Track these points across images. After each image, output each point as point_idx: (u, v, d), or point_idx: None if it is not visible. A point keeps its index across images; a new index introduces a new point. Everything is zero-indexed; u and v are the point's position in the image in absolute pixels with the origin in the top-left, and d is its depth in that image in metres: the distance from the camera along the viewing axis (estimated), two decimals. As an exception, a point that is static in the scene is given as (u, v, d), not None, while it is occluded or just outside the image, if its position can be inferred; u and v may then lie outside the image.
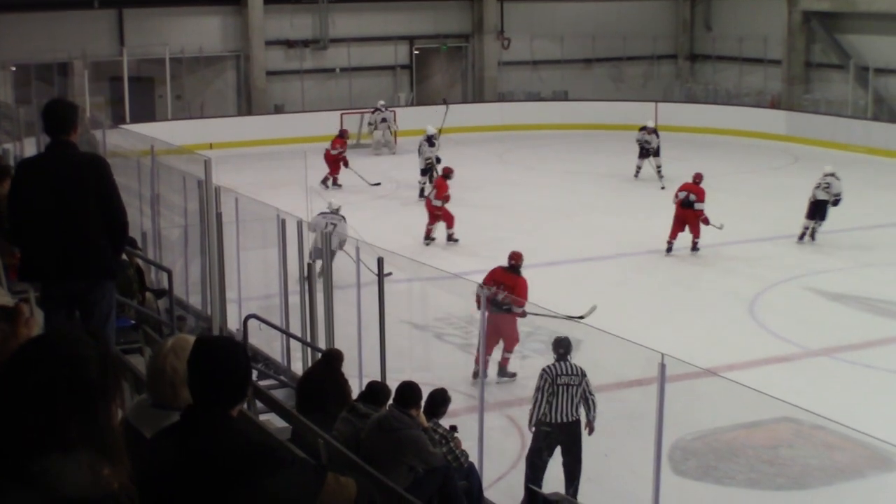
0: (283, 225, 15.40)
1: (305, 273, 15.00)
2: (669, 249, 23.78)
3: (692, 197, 23.80)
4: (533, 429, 12.67)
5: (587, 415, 12.65)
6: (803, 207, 24.81)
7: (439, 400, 11.17)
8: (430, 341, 17.90)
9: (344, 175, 31.06)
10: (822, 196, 24.50)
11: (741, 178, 31.99)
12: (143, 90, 38.66)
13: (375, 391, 10.87)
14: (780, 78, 42.55)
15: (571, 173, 33.57)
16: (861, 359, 17.60)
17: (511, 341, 16.40)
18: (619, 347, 12.63)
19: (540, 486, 12.53)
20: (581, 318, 17.09)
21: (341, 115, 37.80)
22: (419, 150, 30.63)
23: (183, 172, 16.79)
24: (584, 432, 12.67)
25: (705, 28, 46.79)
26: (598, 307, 16.36)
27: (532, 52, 44.20)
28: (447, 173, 25.56)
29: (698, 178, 24.27)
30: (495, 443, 13.23)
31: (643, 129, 32.69)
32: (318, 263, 16.44)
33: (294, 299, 15.25)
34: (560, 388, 12.57)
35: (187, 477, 4.23)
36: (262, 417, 10.44)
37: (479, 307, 14.55)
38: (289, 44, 41.01)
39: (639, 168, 32.38)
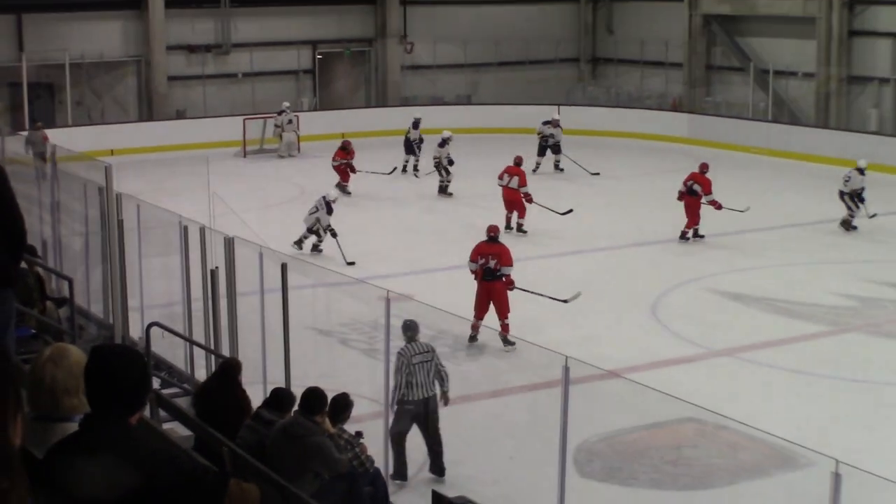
0: (185, 231, 15.28)
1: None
2: (684, 237, 24.95)
3: (696, 187, 24.50)
4: (395, 407, 13.11)
5: (441, 387, 13.35)
6: (705, 208, 25.10)
7: (342, 405, 11.16)
8: (334, 347, 17.87)
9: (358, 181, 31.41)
10: (842, 188, 26.17)
11: (642, 180, 32.26)
12: (42, 96, 38.24)
13: (280, 398, 10.84)
14: (682, 81, 43.04)
15: (475, 177, 33.55)
16: (763, 358, 17.83)
17: (504, 308, 17.86)
18: (524, 350, 12.73)
19: (405, 465, 12.82)
20: (566, 301, 17.67)
21: (244, 120, 37.63)
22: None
23: (84, 179, 16.61)
24: (440, 404, 13.30)
25: (607, 31, 47.17)
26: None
27: (435, 56, 44.28)
28: (519, 161, 26.68)
29: (704, 167, 25.18)
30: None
31: (547, 122, 33.07)
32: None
33: (197, 306, 15.15)
34: (415, 366, 13.15)
35: (89, 487, 4.20)
36: (166, 426, 10.36)
37: (476, 278, 17.85)
38: (190, 49, 40.74)
39: (538, 164, 32.81)
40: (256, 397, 11.38)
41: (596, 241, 24.62)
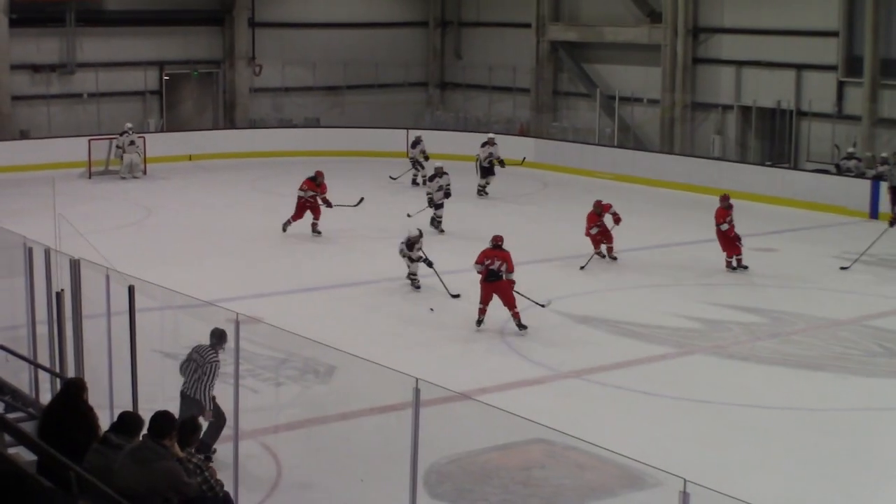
0: (30, 253, 15.00)
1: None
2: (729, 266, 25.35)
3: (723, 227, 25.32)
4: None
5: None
6: (552, 232, 25.38)
7: (190, 428, 10.99)
8: (183, 370, 17.64)
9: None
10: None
11: (490, 203, 32.44)
12: None
13: (127, 421, 10.65)
14: (529, 106, 43.51)
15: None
16: (610, 380, 18.03)
17: (510, 301, 20.50)
18: (374, 373, 12.71)
19: None
20: (543, 305, 20.46)
21: (89, 140, 37.08)
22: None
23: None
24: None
25: (456, 56, 47.48)
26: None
27: (284, 78, 44.14)
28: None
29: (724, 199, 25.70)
30: (250, 471, 13.12)
31: (486, 143, 33.89)
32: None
33: (42, 329, 14.86)
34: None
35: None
36: (11, 451, 10.13)
37: (481, 279, 20.59)
38: (35, 68, 40.02)
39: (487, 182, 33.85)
40: (104, 421, 11.19)
41: (446, 265, 24.67)
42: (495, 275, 20.60)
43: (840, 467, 15.00)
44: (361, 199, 29.11)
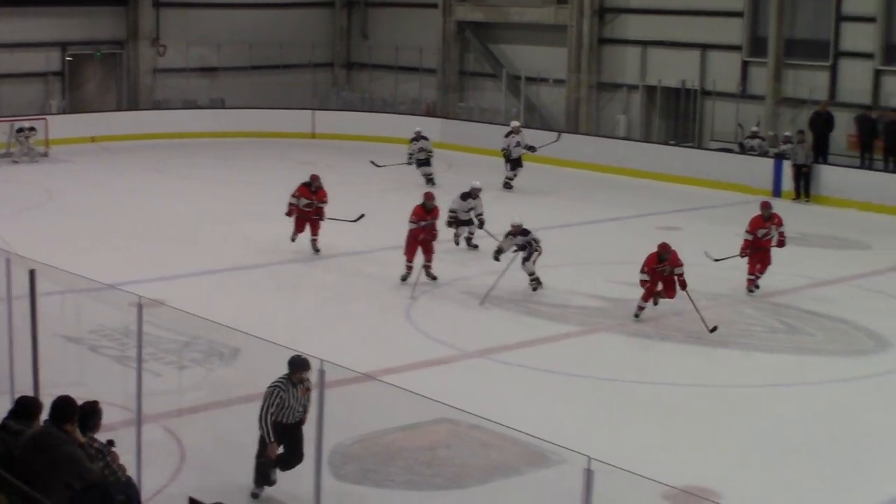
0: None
1: None
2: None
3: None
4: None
5: None
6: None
7: (89, 413, 10.91)
8: (84, 354, 17.53)
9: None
10: None
11: (391, 185, 32.36)
12: None
13: (26, 406, 10.58)
14: (435, 86, 43.53)
15: (228, 181, 33.43)
16: (515, 359, 18.13)
17: (431, 253, 22.16)
18: (279, 355, 12.68)
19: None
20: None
21: (-10, 123, 36.57)
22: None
23: None
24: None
25: (362, 37, 47.35)
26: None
27: (188, 59, 43.77)
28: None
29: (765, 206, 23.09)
30: (153, 455, 13.06)
31: (510, 133, 32.97)
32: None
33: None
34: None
35: None
36: None
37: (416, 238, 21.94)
38: (-68, 50, 39.43)
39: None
40: (4, 407, 11.10)
41: (351, 245, 24.68)
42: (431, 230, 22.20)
43: (745, 443, 15.20)
44: (362, 216, 24.80)
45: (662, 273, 20.02)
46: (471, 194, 24.82)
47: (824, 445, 15.28)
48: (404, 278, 22.29)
